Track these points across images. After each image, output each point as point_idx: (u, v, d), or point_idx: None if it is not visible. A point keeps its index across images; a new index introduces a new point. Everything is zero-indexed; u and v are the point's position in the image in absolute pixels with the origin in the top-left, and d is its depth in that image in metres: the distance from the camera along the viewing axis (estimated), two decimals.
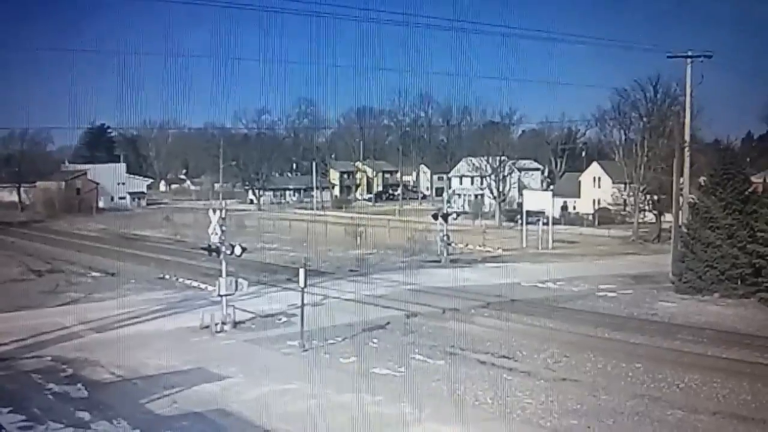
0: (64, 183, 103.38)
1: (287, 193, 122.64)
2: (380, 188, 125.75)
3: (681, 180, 39.22)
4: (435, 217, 47.29)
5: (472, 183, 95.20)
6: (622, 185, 66.66)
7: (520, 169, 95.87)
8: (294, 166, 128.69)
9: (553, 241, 53.77)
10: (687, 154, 39.37)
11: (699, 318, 28.64)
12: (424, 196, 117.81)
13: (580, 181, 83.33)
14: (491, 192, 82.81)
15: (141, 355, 22.08)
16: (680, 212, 38.25)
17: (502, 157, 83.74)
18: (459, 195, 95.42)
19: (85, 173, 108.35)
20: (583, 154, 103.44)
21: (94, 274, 40.69)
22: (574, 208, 79.73)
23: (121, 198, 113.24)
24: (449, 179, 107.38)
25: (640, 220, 60.90)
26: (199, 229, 46.84)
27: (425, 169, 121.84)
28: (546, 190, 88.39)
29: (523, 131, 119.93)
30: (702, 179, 37.10)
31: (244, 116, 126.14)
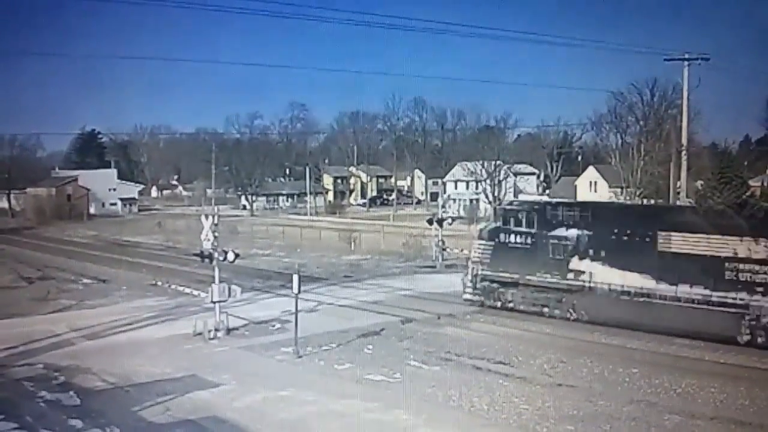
0: (54, 189, 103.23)
1: (280, 198, 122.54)
2: (374, 193, 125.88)
3: (678, 184, 39.25)
4: (430, 222, 47.16)
5: (468, 187, 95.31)
6: (619, 189, 66.82)
7: (515, 174, 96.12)
8: (287, 171, 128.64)
9: None
10: (684, 157, 39.42)
11: None
12: (419, 201, 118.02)
13: (576, 186, 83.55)
14: (486, 197, 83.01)
15: (133, 363, 21.90)
16: None
17: (498, 162, 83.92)
18: (454, 200, 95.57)
19: (76, 179, 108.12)
20: (580, 158, 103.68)
21: (85, 280, 40.47)
22: None
23: (112, 204, 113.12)
24: (444, 184, 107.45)
25: None
26: (191, 235, 46.69)
27: (420, 173, 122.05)
28: (542, 194, 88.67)
29: (519, 135, 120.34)
30: (699, 183, 37.15)
31: (236, 121, 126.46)
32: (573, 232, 27.59)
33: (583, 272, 27.11)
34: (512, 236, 29.20)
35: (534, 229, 28.56)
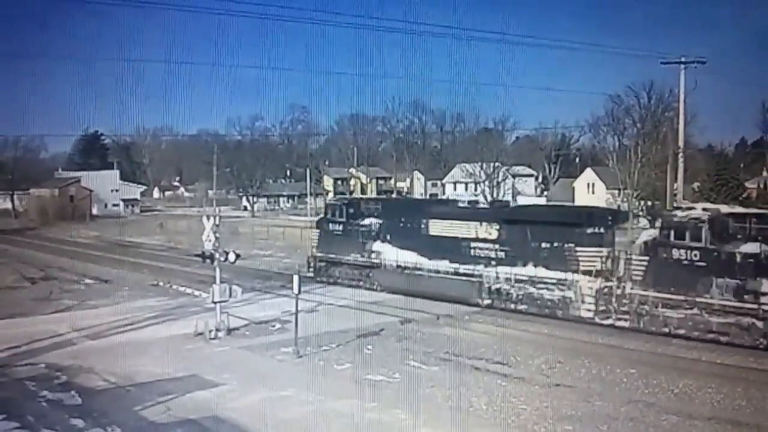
0: (57, 190, 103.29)
1: (281, 199, 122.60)
2: (374, 194, 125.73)
3: (675, 186, 39.37)
4: None
5: (466, 189, 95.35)
6: (616, 191, 66.91)
7: (514, 175, 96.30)
8: (288, 172, 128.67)
9: None
10: (681, 160, 39.52)
11: None
12: None
13: (574, 187, 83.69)
14: (485, 198, 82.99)
15: (135, 362, 21.99)
16: None
17: (496, 164, 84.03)
18: None
19: (79, 180, 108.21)
20: (577, 160, 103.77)
21: (87, 281, 40.55)
22: None
23: (114, 205, 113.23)
24: (443, 185, 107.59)
25: (634, 226, 60.83)
26: (192, 236, 46.80)
27: (419, 175, 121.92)
28: (540, 196, 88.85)
29: (517, 137, 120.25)
30: (696, 185, 37.30)
31: (237, 123, 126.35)
32: (373, 221, 35.09)
33: (379, 252, 34.44)
34: (335, 225, 36.74)
35: (348, 220, 36.03)
